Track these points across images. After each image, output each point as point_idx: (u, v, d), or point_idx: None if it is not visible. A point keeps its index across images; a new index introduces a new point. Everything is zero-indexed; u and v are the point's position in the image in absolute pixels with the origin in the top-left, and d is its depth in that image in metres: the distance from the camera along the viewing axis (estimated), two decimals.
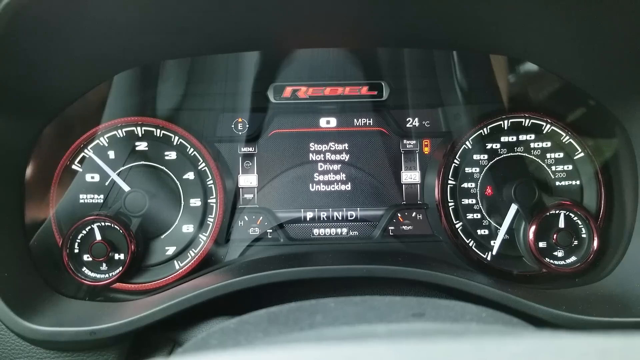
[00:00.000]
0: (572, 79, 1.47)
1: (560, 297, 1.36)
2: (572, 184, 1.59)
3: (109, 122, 1.55)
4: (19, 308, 1.16)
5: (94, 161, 1.53)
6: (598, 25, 1.21)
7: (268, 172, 1.62)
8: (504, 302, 1.20)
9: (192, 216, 1.56)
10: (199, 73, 1.60)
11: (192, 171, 1.56)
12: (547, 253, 1.52)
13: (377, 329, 0.67)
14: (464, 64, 1.60)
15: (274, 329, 0.73)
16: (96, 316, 1.23)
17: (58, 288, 1.36)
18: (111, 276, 1.46)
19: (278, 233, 1.60)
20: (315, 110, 1.64)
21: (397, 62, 1.63)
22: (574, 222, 1.53)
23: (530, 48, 1.43)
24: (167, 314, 1.17)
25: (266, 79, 1.62)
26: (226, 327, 0.76)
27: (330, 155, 1.63)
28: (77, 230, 1.47)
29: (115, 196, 1.53)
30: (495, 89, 1.61)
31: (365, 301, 0.80)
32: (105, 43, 1.28)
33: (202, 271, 1.51)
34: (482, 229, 1.59)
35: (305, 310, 0.78)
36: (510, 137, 1.60)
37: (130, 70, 1.47)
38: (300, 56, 1.59)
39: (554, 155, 1.59)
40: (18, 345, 1.22)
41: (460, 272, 1.32)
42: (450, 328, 0.68)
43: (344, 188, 1.62)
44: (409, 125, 1.64)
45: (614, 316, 1.21)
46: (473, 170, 1.59)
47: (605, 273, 1.46)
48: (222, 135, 1.61)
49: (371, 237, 1.61)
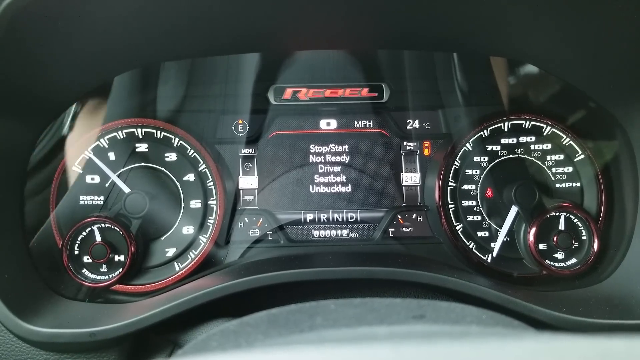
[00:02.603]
0: (572, 81, 1.47)
1: (561, 299, 1.35)
2: (573, 186, 1.59)
3: (109, 124, 1.55)
4: (19, 309, 1.16)
5: (94, 162, 1.53)
6: (598, 27, 1.21)
7: (268, 173, 1.61)
8: (504, 304, 1.20)
9: (192, 218, 1.55)
10: (199, 74, 1.60)
11: (192, 173, 1.56)
12: (547, 255, 1.52)
13: (378, 331, 0.67)
14: (464, 66, 1.60)
15: (274, 331, 0.72)
16: (96, 318, 1.23)
17: (58, 289, 1.36)
18: (111, 278, 1.46)
19: (278, 235, 1.60)
20: (316, 112, 1.64)
21: (397, 64, 1.63)
22: (575, 224, 1.53)
23: (530, 50, 1.43)
24: (167, 315, 1.17)
25: (266, 80, 1.62)
26: (226, 329, 0.76)
27: (330, 157, 1.63)
28: (77, 231, 1.47)
29: (116, 198, 1.53)
30: (495, 91, 1.61)
31: (365, 303, 0.79)
32: (106, 44, 1.28)
33: (202, 273, 1.51)
34: (482, 230, 1.58)
35: (306, 312, 0.77)
36: (510, 139, 1.60)
37: (130, 71, 1.47)
38: (301, 58, 1.59)
39: (554, 157, 1.59)
40: (18, 346, 1.21)
41: (461, 274, 1.32)
42: (450, 330, 0.68)
43: (344, 190, 1.62)
44: (410, 127, 1.64)
45: (615, 318, 1.21)
46: (473, 172, 1.59)
47: (606, 275, 1.46)
48: (222, 136, 1.61)
49: (371, 239, 1.60)
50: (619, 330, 1.19)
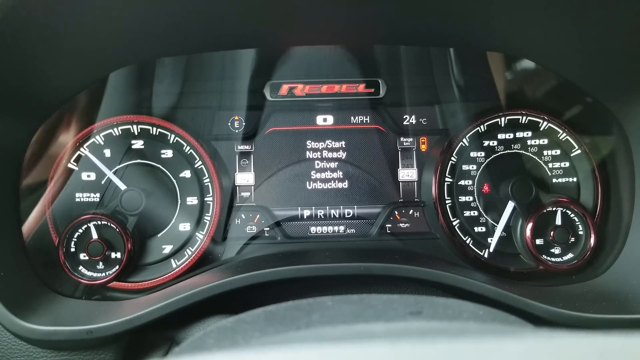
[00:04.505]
0: (569, 76, 1.47)
1: (557, 294, 1.36)
2: (569, 181, 1.59)
3: (104, 121, 1.54)
4: (16, 307, 1.16)
5: (90, 160, 1.52)
6: (595, 22, 1.21)
7: (265, 170, 1.61)
8: (501, 299, 1.21)
9: (188, 214, 1.55)
10: (195, 71, 1.59)
11: (188, 169, 1.56)
12: (544, 250, 1.53)
13: (375, 328, 0.67)
14: (461, 61, 1.60)
15: (271, 328, 0.72)
16: (93, 315, 1.23)
17: (54, 287, 1.36)
18: (108, 275, 1.46)
19: (275, 231, 1.60)
20: (312, 108, 1.63)
21: (394, 59, 1.62)
22: (571, 219, 1.53)
23: (527, 45, 1.43)
24: (164, 312, 1.17)
25: (263, 76, 1.61)
26: (223, 326, 0.75)
27: (327, 153, 1.63)
28: (74, 229, 1.46)
29: (112, 195, 1.52)
30: (492, 87, 1.61)
31: (362, 300, 0.79)
32: (101, 41, 1.27)
33: (199, 269, 1.51)
34: (479, 226, 1.59)
35: (303, 309, 0.77)
36: (507, 135, 1.60)
37: (126, 67, 1.46)
38: (297, 54, 1.58)
39: (551, 152, 1.59)
40: (14, 344, 1.21)
41: (458, 270, 1.32)
42: (448, 327, 0.68)
43: (341, 186, 1.62)
44: (406, 123, 1.64)
45: (611, 313, 1.21)
46: (470, 167, 1.59)
47: (602, 270, 1.46)
48: (218, 133, 1.61)
49: (368, 235, 1.61)
50: (616, 325, 1.19)
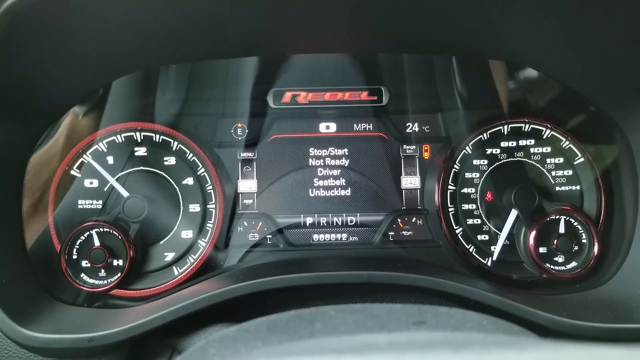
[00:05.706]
0: (572, 84, 1.47)
1: (561, 303, 1.35)
2: (572, 189, 1.58)
3: (107, 128, 1.55)
4: (17, 315, 1.15)
5: (93, 167, 1.52)
6: (598, 31, 1.21)
7: (267, 177, 1.61)
8: (504, 308, 1.20)
9: (191, 222, 1.55)
10: (198, 78, 1.60)
11: (191, 176, 1.56)
12: (547, 258, 1.52)
13: (378, 339, 0.66)
14: (464, 69, 1.60)
15: (273, 338, 0.72)
16: (94, 323, 1.22)
17: (56, 294, 1.36)
18: (110, 282, 1.46)
19: (277, 238, 1.59)
20: (315, 115, 1.63)
21: (396, 67, 1.62)
22: (575, 227, 1.52)
23: (529, 53, 1.43)
24: (166, 320, 1.17)
25: (266, 84, 1.61)
26: (225, 336, 0.75)
27: (329, 160, 1.62)
28: (76, 236, 1.46)
29: (114, 202, 1.52)
30: (494, 94, 1.61)
31: (365, 309, 0.79)
32: (105, 48, 1.27)
33: (201, 277, 1.51)
34: (482, 234, 1.58)
35: (305, 319, 0.77)
36: (510, 142, 1.60)
37: (129, 75, 1.46)
38: (300, 61, 1.59)
39: (554, 160, 1.59)
40: (16, 352, 1.21)
41: (461, 278, 1.31)
42: (451, 338, 0.68)
43: (344, 193, 1.62)
44: (409, 131, 1.64)
45: (615, 322, 1.20)
46: (473, 175, 1.59)
47: (606, 279, 1.46)
48: (221, 140, 1.61)
49: (371, 243, 1.60)
50: (620, 334, 1.18)
